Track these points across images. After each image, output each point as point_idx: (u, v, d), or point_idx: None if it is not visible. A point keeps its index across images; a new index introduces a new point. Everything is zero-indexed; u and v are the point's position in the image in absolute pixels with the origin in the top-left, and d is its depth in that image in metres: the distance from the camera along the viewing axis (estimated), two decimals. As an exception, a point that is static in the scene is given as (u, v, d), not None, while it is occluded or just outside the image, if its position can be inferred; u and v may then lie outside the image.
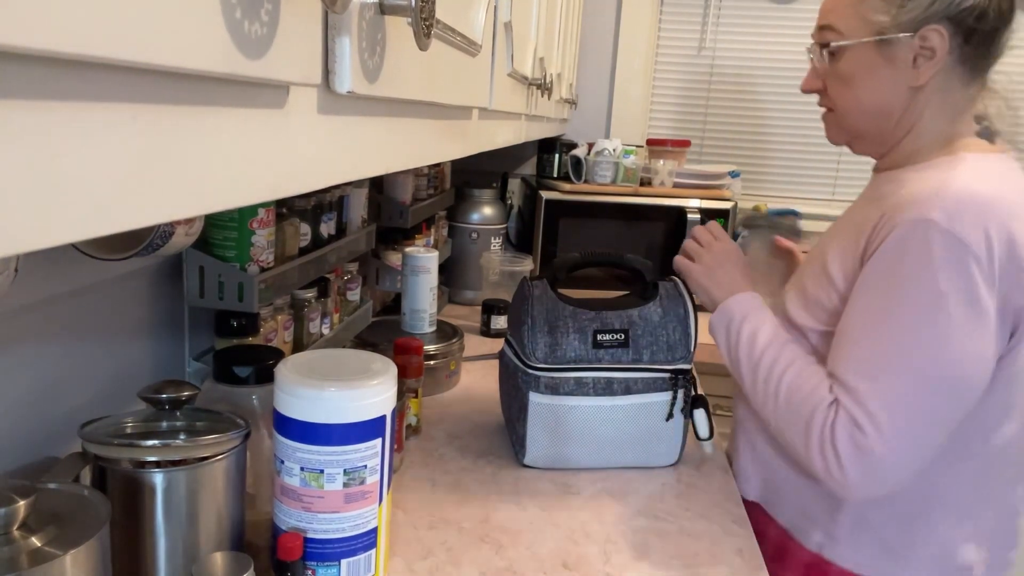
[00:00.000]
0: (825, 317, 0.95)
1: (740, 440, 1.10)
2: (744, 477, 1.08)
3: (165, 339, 0.92)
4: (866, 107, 0.95)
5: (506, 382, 1.13)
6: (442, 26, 0.47)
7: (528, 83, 1.08)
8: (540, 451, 1.06)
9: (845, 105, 0.97)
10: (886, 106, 0.94)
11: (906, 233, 0.83)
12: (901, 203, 0.86)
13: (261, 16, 0.28)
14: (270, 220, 0.93)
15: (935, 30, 0.87)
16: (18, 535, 0.50)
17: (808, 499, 0.98)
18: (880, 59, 0.92)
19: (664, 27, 2.29)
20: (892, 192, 0.92)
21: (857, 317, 0.87)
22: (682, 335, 1.07)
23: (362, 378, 0.69)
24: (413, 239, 1.61)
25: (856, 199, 1.06)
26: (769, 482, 1.04)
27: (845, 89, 0.96)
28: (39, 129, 0.19)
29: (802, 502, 0.99)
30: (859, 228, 0.92)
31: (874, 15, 0.90)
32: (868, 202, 0.97)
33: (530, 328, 1.04)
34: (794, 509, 1.01)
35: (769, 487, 1.05)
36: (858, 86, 0.94)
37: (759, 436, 1.05)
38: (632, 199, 1.95)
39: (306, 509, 0.69)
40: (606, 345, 1.04)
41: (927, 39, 0.88)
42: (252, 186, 0.31)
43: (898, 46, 0.90)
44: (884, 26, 0.90)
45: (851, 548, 0.95)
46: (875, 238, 0.87)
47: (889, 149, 0.98)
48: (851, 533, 0.95)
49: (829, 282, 0.94)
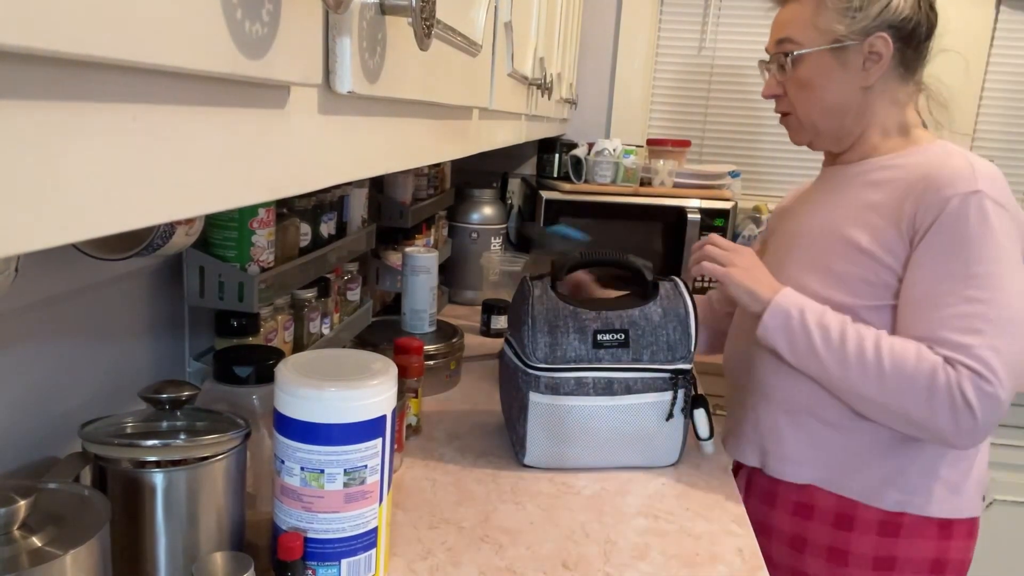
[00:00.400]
0: (871, 291, 1.02)
1: (786, 432, 1.11)
2: (795, 463, 1.10)
3: (165, 339, 0.92)
4: (825, 107, 1.09)
5: (506, 382, 1.13)
6: (442, 26, 0.47)
7: (528, 83, 1.08)
8: (540, 451, 1.06)
9: (806, 107, 1.10)
10: (843, 105, 1.08)
11: (962, 204, 0.95)
12: (935, 181, 0.98)
13: (262, 16, 0.28)
14: (270, 220, 0.93)
15: (881, 37, 1.04)
16: (18, 535, 0.50)
17: (881, 465, 1.05)
18: (835, 64, 1.07)
19: (664, 27, 2.29)
20: (895, 176, 1.04)
21: (937, 283, 0.96)
22: (682, 335, 1.07)
23: (362, 378, 0.69)
24: (413, 239, 1.61)
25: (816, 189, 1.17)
26: (830, 461, 1.08)
27: (805, 93, 1.09)
28: (39, 129, 0.19)
29: (874, 470, 1.05)
30: (882, 207, 1.02)
31: (829, 25, 1.05)
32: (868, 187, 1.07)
33: (530, 328, 1.04)
34: (865, 478, 1.06)
35: (830, 466, 1.08)
36: (817, 89, 1.08)
37: (812, 421, 1.08)
38: (632, 199, 1.95)
39: (306, 509, 0.69)
40: (606, 345, 1.04)
41: (874, 45, 1.04)
42: (252, 186, 0.31)
43: (850, 52, 1.06)
44: (839, 35, 1.05)
45: (925, 496, 1.05)
46: (923, 213, 0.97)
47: (849, 143, 1.12)
48: (924, 484, 1.04)
49: (870, 258, 1.01)
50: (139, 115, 0.23)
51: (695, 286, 1.97)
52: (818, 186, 1.18)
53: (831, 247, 1.06)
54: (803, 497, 1.11)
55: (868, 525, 1.07)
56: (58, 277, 0.72)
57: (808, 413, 1.08)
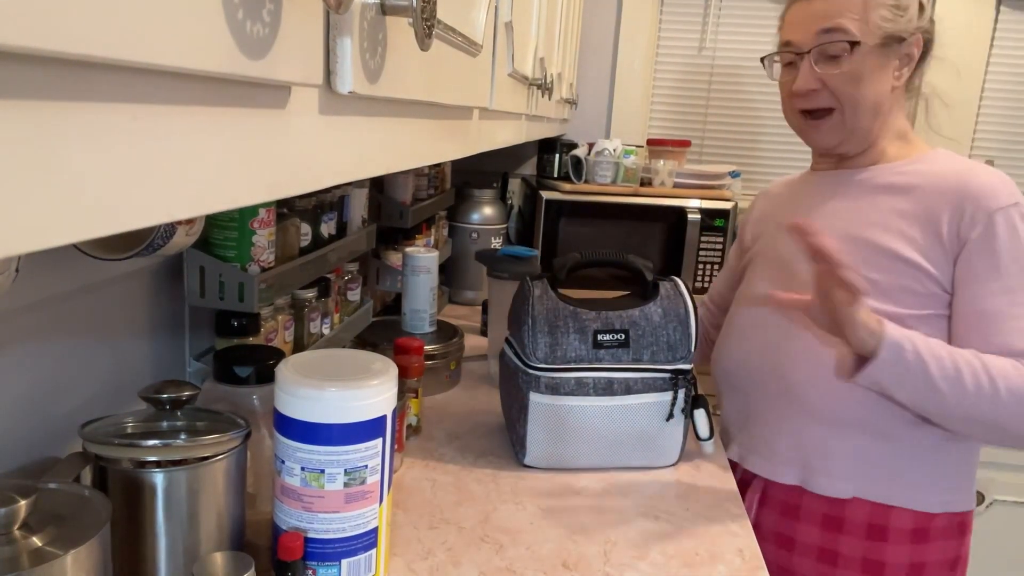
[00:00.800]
0: (917, 301, 1.01)
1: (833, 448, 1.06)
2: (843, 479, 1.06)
3: (165, 339, 0.92)
4: (868, 105, 1.05)
5: (506, 382, 1.13)
6: (443, 26, 0.47)
7: (528, 83, 1.08)
8: (540, 451, 1.06)
9: (854, 102, 1.05)
10: (878, 105, 1.06)
11: (1007, 217, 0.98)
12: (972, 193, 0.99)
13: (263, 16, 0.28)
14: (270, 220, 0.93)
15: (917, 39, 1.04)
16: (19, 535, 0.50)
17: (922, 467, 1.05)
18: (880, 61, 1.04)
19: (664, 27, 2.29)
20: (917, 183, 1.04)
21: (1005, 297, 0.97)
22: (683, 335, 1.07)
23: (362, 378, 0.69)
24: (413, 239, 1.61)
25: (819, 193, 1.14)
26: (872, 472, 1.06)
27: (852, 87, 1.04)
28: (39, 129, 0.19)
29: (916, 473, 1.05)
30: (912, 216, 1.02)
31: (882, 21, 1.03)
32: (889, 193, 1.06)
33: (531, 328, 1.04)
34: (913, 487, 1.05)
35: (871, 476, 1.06)
36: (864, 85, 1.04)
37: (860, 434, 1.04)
38: (632, 199, 1.95)
39: (306, 509, 0.69)
40: (606, 345, 1.04)
41: (911, 47, 1.05)
42: (252, 186, 0.31)
43: (892, 51, 1.04)
44: (888, 32, 1.03)
45: (961, 494, 1.07)
46: (967, 226, 0.99)
47: (867, 146, 1.10)
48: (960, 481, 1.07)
49: (915, 268, 1.01)
50: (139, 115, 0.23)
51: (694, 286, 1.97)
52: (822, 190, 1.15)
53: (863, 256, 1.04)
54: (833, 509, 1.07)
55: (902, 534, 1.05)
56: (58, 277, 0.72)
57: (859, 427, 1.04)
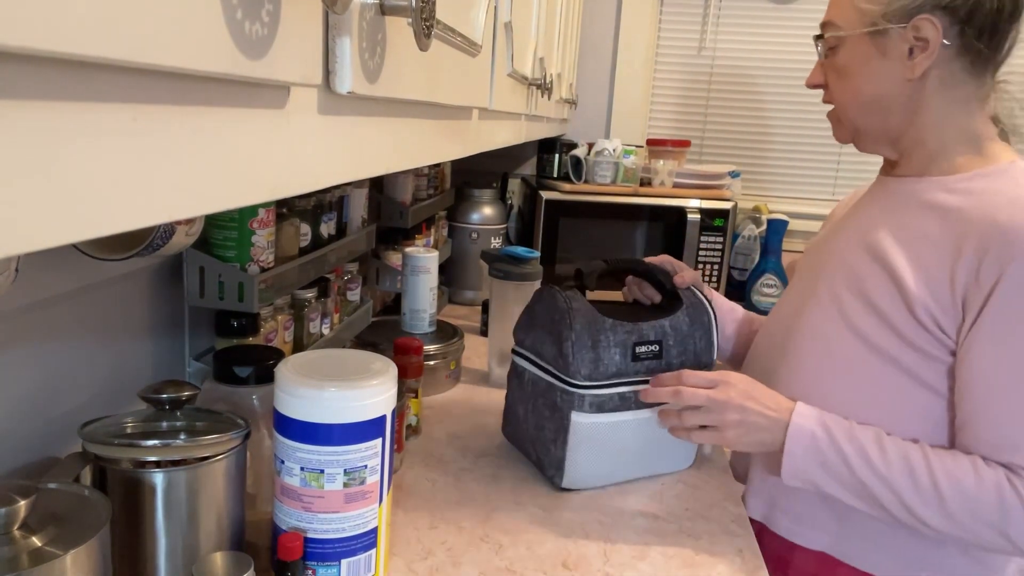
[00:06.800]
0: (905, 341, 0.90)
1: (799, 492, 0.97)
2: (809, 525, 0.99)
3: (165, 339, 0.92)
4: (864, 100, 0.95)
5: (533, 400, 1.05)
6: (442, 26, 0.47)
7: (528, 83, 1.08)
8: (580, 473, 1.00)
9: (843, 98, 0.97)
10: (883, 99, 0.93)
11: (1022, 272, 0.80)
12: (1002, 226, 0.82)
13: (262, 16, 0.28)
14: (270, 220, 0.93)
15: (927, 20, 0.87)
16: (18, 535, 0.50)
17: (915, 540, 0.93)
18: (874, 51, 0.92)
19: (664, 27, 2.29)
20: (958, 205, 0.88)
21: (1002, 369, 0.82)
22: (707, 343, 1.06)
23: (362, 378, 0.69)
24: (413, 239, 1.61)
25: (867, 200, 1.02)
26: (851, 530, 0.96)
27: (842, 83, 0.96)
28: (39, 129, 0.19)
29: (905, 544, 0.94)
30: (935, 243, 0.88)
31: (866, 5, 0.91)
32: (925, 211, 0.91)
33: (573, 344, 0.98)
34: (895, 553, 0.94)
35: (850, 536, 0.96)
36: (854, 78, 0.94)
37: None
38: (632, 199, 1.95)
39: (306, 509, 0.69)
40: (643, 357, 1.02)
41: (920, 29, 0.88)
42: (252, 186, 0.31)
43: (891, 37, 0.90)
44: (876, 16, 0.90)
45: None
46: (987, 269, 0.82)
47: (901, 148, 0.96)
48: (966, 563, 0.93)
49: (913, 301, 0.88)
50: (139, 115, 0.23)
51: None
52: (870, 197, 1.02)
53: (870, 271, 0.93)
54: (823, 571, 0.97)
55: None
56: (58, 277, 0.72)
57: None
